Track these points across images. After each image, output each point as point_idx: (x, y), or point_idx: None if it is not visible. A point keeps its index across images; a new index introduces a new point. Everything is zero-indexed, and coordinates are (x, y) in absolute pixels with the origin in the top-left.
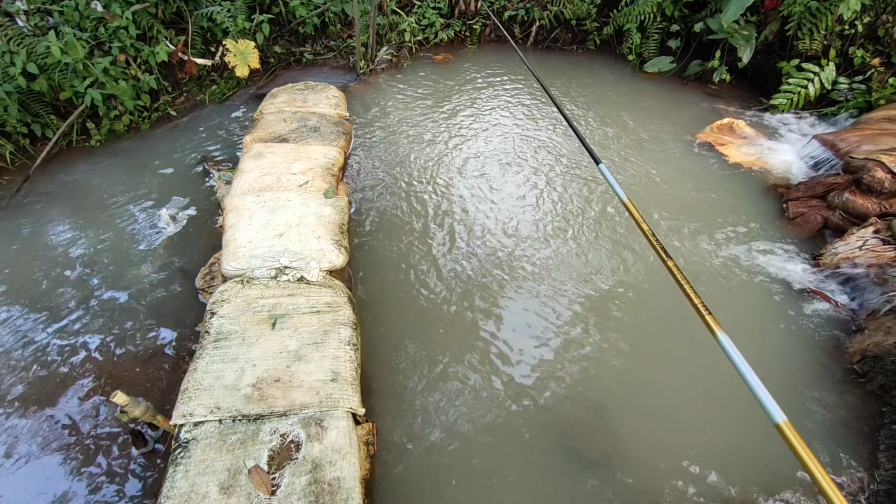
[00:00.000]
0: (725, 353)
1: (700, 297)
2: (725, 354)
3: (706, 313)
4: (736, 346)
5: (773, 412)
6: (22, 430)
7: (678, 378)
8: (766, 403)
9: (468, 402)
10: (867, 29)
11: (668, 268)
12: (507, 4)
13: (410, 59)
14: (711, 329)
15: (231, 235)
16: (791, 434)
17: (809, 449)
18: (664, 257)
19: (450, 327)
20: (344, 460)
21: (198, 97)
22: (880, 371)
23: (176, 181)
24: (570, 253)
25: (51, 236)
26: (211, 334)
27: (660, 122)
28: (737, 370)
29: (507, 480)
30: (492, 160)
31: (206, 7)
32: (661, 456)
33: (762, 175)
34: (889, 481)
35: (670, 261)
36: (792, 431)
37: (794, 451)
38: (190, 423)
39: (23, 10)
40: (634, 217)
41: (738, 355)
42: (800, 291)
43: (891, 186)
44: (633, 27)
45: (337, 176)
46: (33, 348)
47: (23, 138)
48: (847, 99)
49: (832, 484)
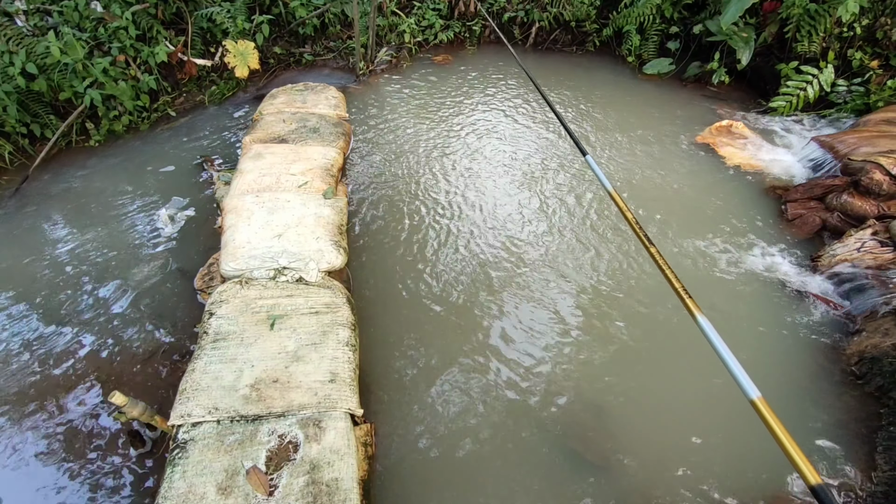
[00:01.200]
0: (703, 334)
1: (681, 282)
2: (703, 335)
3: (686, 297)
4: (734, 346)
5: (748, 389)
6: (20, 430)
7: (677, 380)
8: (741, 380)
9: (466, 403)
10: (865, 31)
11: (651, 254)
12: (507, 6)
13: (410, 61)
14: (691, 311)
15: (230, 236)
16: (765, 409)
17: (804, 452)
18: (646, 244)
19: (449, 328)
20: (342, 461)
21: (197, 98)
22: (878, 373)
23: (175, 182)
24: (569, 253)
25: (49, 236)
26: (209, 335)
27: (659, 124)
28: (714, 349)
29: (506, 481)
30: (491, 160)
31: (205, 8)
32: (660, 458)
33: (761, 177)
34: (886, 482)
35: (652, 247)
36: (766, 408)
37: (767, 426)
38: (188, 424)
39: (22, 10)
40: (619, 206)
41: (717, 336)
42: (798, 293)
43: (889, 188)
44: (632, 29)
45: (336, 177)
46: (31, 348)
47: (22, 138)
48: (846, 101)
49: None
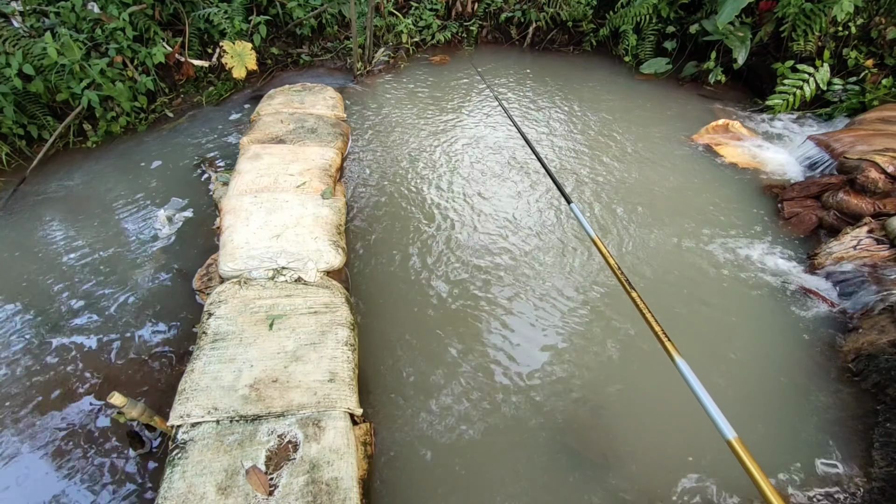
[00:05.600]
0: (683, 378)
1: (661, 325)
2: (683, 379)
3: (666, 339)
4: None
5: (725, 430)
6: (19, 431)
7: (677, 378)
8: (719, 422)
9: (466, 402)
10: (860, 30)
11: (632, 298)
12: (504, 6)
13: (407, 61)
14: (670, 354)
15: (228, 236)
16: (741, 451)
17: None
18: (628, 289)
19: (448, 327)
20: (341, 460)
21: (195, 99)
22: (874, 369)
23: (173, 182)
24: (569, 253)
25: (47, 238)
26: (208, 335)
27: (655, 123)
28: (693, 392)
29: (505, 480)
30: (488, 161)
31: (203, 8)
32: (659, 456)
33: (757, 175)
34: (883, 479)
35: (633, 292)
36: (742, 448)
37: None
38: (187, 424)
39: (18, 12)
40: (602, 253)
41: (695, 379)
42: (794, 291)
43: (884, 186)
44: (629, 29)
45: (334, 177)
46: (30, 350)
47: (19, 140)
48: (841, 100)
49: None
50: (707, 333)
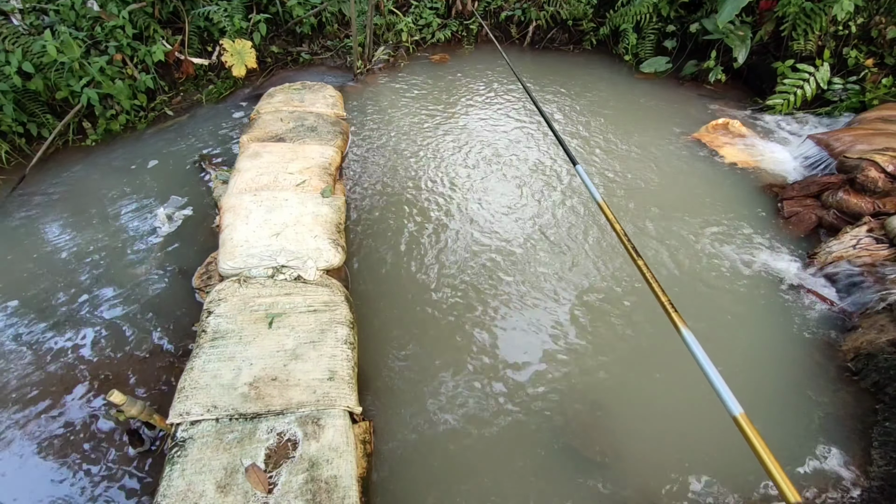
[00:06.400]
0: (688, 349)
1: (668, 296)
2: (688, 349)
3: (672, 311)
4: (730, 343)
5: (731, 405)
6: (18, 429)
7: (677, 377)
8: (725, 396)
9: (465, 401)
10: (861, 30)
11: (638, 266)
12: (504, 5)
13: (407, 59)
14: (676, 326)
15: (228, 234)
16: (747, 426)
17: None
18: (634, 256)
19: (447, 326)
20: (341, 459)
21: (195, 97)
22: (874, 368)
23: (173, 181)
24: (568, 253)
25: (47, 236)
26: (208, 333)
27: (655, 122)
28: (698, 364)
29: (505, 478)
30: (488, 160)
31: (202, 6)
32: (659, 455)
33: (757, 174)
34: (882, 478)
35: (640, 260)
36: (748, 424)
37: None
38: (187, 422)
39: (18, 9)
40: (608, 217)
41: (700, 351)
42: (794, 290)
43: (884, 186)
44: (629, 27)
45: (334, 175)
46: (29, 348)
47: (18, 138)
48: (841, 99)
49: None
50: (705, 332)
